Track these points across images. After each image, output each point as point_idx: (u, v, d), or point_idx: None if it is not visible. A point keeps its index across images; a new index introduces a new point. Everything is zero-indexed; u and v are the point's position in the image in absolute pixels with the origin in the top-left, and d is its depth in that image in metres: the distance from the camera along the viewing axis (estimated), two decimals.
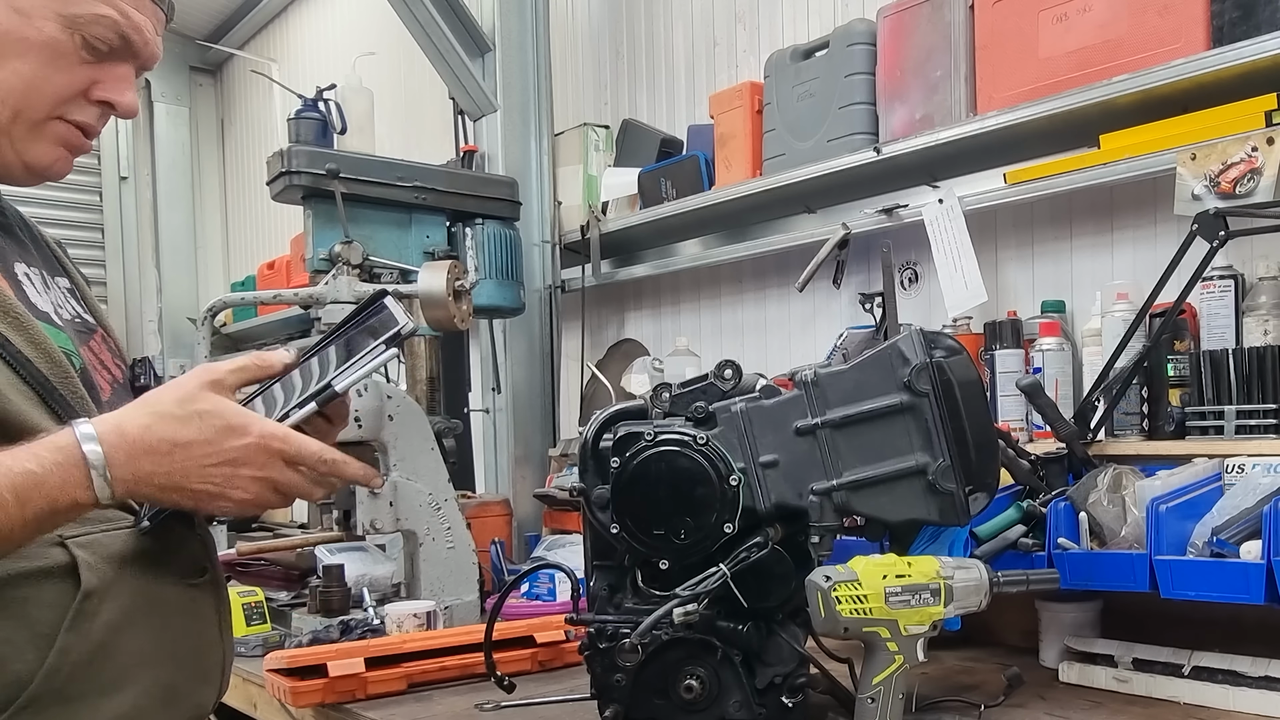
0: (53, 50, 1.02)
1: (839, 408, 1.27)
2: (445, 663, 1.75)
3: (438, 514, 2.08)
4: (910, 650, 1.23)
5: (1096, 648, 1.59)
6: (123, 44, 1.06)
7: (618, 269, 3.06)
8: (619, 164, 2.98)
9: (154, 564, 1.04)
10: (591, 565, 1.42)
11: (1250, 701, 1.41)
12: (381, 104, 3.04)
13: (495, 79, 3.05)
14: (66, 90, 1.05)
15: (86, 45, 1.04)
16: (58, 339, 1.05)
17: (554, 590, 2.14)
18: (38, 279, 1.11)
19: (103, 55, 1.06)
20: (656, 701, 1.34)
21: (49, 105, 1.04)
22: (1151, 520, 1.42)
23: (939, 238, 2.16)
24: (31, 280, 1.09)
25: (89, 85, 1.06)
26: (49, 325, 1.06)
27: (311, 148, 2.46)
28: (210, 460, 0.93)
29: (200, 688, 1.11)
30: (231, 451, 0.93)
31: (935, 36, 2.15)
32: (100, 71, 1.06)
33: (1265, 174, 1.66)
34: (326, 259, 2.21)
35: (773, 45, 2.62)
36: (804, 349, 2.63)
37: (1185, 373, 1.74)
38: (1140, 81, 1.81)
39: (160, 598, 1.04)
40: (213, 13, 5.27)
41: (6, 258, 1.08)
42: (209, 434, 0.93)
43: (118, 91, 1.08)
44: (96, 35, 1.04)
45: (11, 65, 1.01)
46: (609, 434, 1.34)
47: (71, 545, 0.96)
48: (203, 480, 0.93)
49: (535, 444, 3.08)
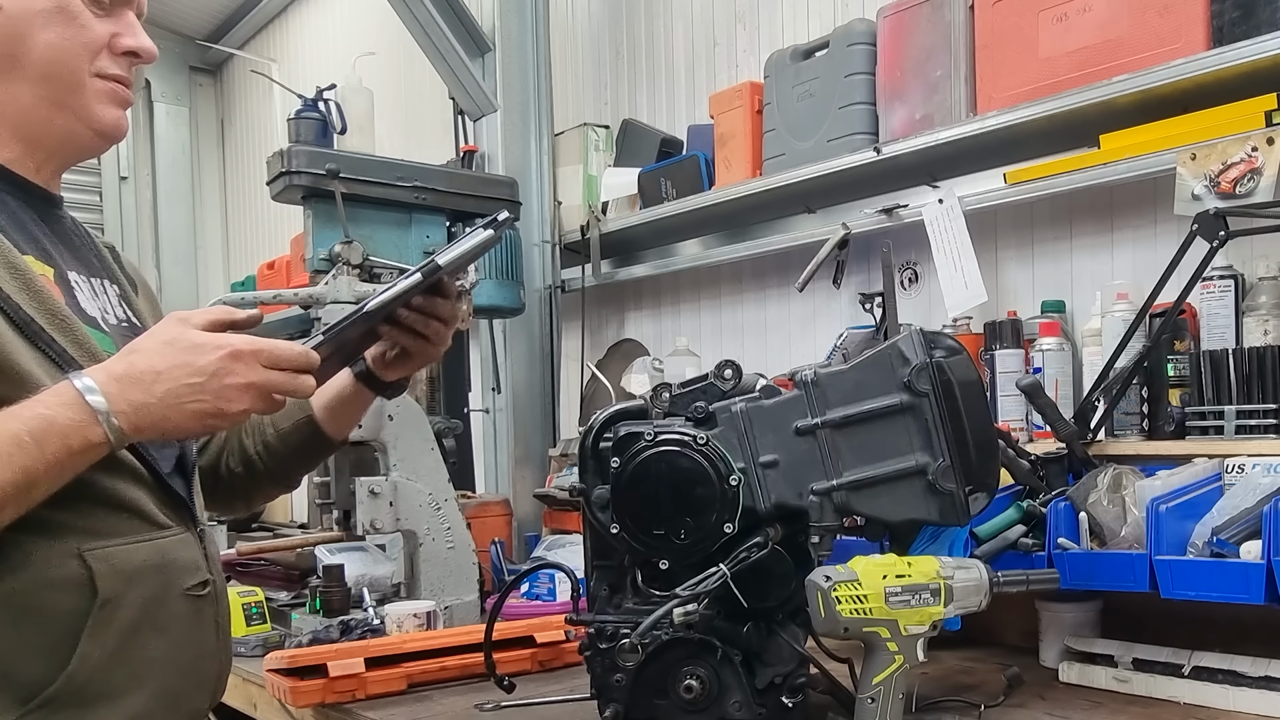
0: (65, 12, 1.09)
1: (839, 408, 1.27)
2: (445, 663, 1.75)
3: (438, 514, 2.07)
4: (910, 650, 1.23)
5: (1096, 648, 1.59)
6: None
7: (618, 269, 3.06)
8: (619, 164, 2.98)
9: (161, 576, 1.09)
10: (591, 565, 1.42)
11: (1250, 701, 1.41)
12: (381, 104, 3.04)
13: (495, 79, 3.06)
14: (94, 43, 1.11)
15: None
16: (103, 343, 1.11)
17: (554, 590, 2.14)
18: (87, 285, 1.17)
19: (107, 7, 1.13)
20: (656, 701, 1.34)
21: (84, 63, 1.11)
22: (1151, 520, 1.42)
23: (939, 238, 2.16)
24: (81, 287, 1.15)
25: (110, 37, 1.13)
26: (95, 330, 1.11)
27: (311, 148, 2.46)
28: (192, 378, 0.97)
29: (198, 694, 1.17)
30: (209, 366, 0.98)
31: (935, 36, 2.15)
32: (113, 23, 1.13)
33: (1265, 174, 1.66)
34: (326, 259, 2.21)
35: (773, 45, 2.62)
36: (804, 349, 2.63)
37: (1185, 373, 1.74)
38: (1140, 81, 1.81)
39: (166, 608, 1.09)
40: (213, 13, 5.27)
41: (60, 265, 1.13)
42: (182, 356, 0.98)
43: (135, 36, 1.15)
44: None
45: (41, 39, 1.07)
46: (609, 434, 1.34)
47: (88, 557, 1.01)
48: (193, 398, 0.98)
49: (535, 444, 3.08)
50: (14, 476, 0.90)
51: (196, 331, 1.02)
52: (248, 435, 1.39)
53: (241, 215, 5.74)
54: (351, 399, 1.35)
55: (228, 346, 1.00)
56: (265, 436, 1.38)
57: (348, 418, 1.38)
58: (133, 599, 1.05)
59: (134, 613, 1.05)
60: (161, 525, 1.11)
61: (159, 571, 1.08)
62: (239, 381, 0.99)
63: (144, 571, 1.06)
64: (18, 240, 1.08)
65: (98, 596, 1.01)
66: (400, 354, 1.32)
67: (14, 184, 1.13)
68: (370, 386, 1.35)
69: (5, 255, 1.04)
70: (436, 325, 1.27)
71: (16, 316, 1.01)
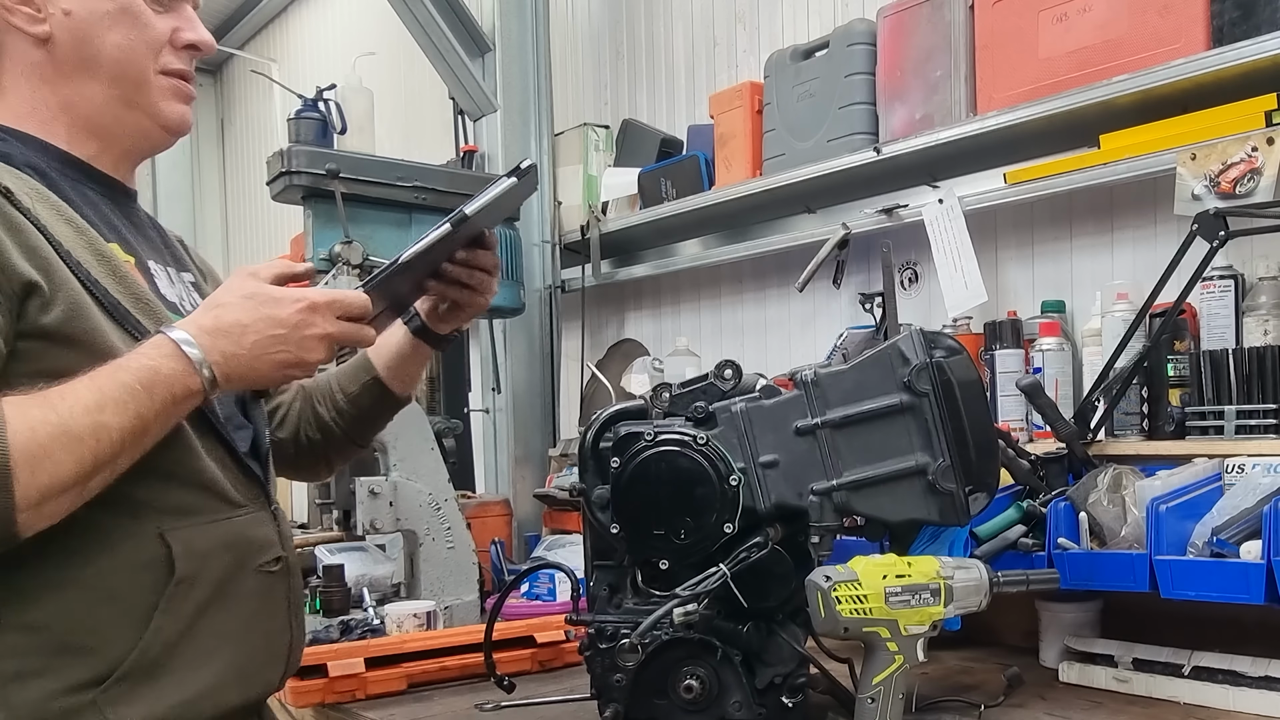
0: (129, 13, 1.13)
1: (839, 408, 1.27)
2: (445, 663, 1.75)
3: (438, 514, 2.07)
4: (910, 650, 1.23)
5: (1096, 648, 1.59)
6: None
7: (618, 269, 3.06)
8: (619, 164, 2.98)
9: (235, 554, 1.14)
10: (591, 565, 1.42)
11: (1250, 701, 1.41)
12: (381, 104, 3.04)
13: (495, 79, 3.06)
14: (157, 40, 1.16)
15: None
16: None
17: (554, 590, 2.14)
18: (165, 273, 1.23)
19: (166, 3, 1.17)
20: (656, 701, 1.34)
21: (150, 60, 1.16)
22: (1151, 520, 1.42)
23: (939, 238, 2.16)
24: (160, 275, 1.21)
25: (171, 33, 1.17)
26: (176, 314, 1.16)
27: (311, 148, 2.46)
28: (276, 329, 1.04)
29: (270, 666, 1.20)
30: (290, 318, 1.05)
31: (935, 36, 2.15)
32: (173, 18, 1.18)
33: (1265, 174, 1.66)
34: (326, 259, 2.21)
35: (773, 45, 2.62)
36: (804, 349, 2.63)
37: (1185, 373, 1.74)
38: (1140, 81, 1.81)
39: (239, 585, 1.14)
40: (213, 13, 5.26)
41: (140, 254, 1.19)
42: (264, 309, 1.04)
43: (194, 30, 1.20)
44: None
45: (110, 40, 1.12)
46: (609, 434, 1.34)
47: (168, 537, 1.06)
48: (278, 349, 1.04)
49: (535, 444, 3.08)
50: (130, 422, 0.96)
51: (272, 286, 1.08)
52: (320, 403, 1.45)
53: (241, 215, 5.74)
54: (410, 355, 1.41)
55: (305, 300, 1.06)
56: (336, 401, 1.44)
57: (409, 374, 1.44)
58: (207, 577, 1.10)
59: (208, 590, 1.10)
60: (238, 504, 1.16)
61: (233, 550, 1.13)
62: (318, 332, 1.06)
63: (219, 550, 1.11)
64: (102, 230, 1.12)
65: (174, 575, 1.06)
66: (451, 307, 1.37)
67: (94, 178, 1.17)
68: (426, 340, 1.40)
69: (92, 243, 1.08)
70: (480, 275, 1.32)
71: (105, 300, 1.05)
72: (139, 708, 1.04)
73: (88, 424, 0.94)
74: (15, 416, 0.92)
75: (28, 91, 1.12)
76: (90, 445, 0.94)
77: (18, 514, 0.91)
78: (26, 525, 0.93)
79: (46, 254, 1.01)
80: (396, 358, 1.42)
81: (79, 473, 0.94)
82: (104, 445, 0.95)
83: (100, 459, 0.95)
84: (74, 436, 0.93)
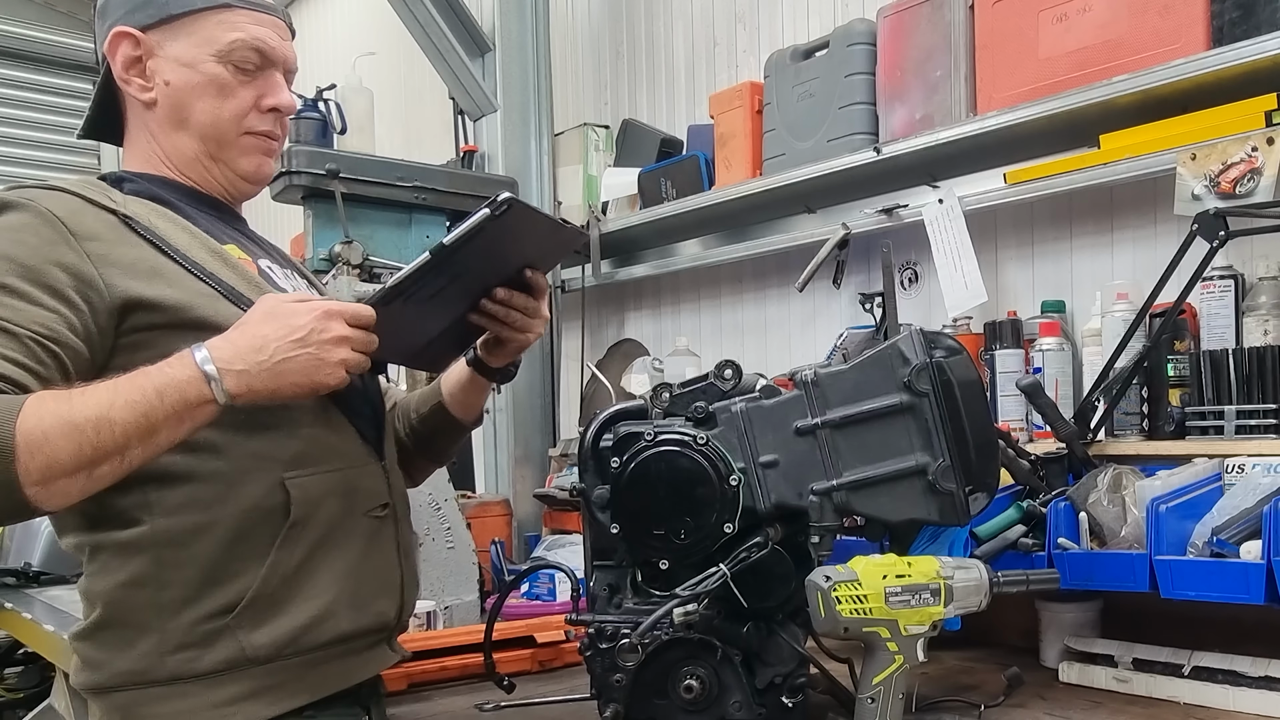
0: (219, 84, 1.29)
1: (839, 408, 1.27)
2: (445, 663, 1.75)
3: (438, 514, 2.07)
4: (910, 650, 1.23)
5: (1096, 648, 1.59)
6: (261, 57, 1.31)
7: (618, 269, 3.06)
8: (619, 164, 2.98)
9: (346, 501, 1.28)
10: (591, 565, 1.42)
11: (1250, 701, 1.41)
12: (381, 104, 3.04)
13: (495, 79, 3.06)
14: (241, 108, 1.31)
15: (238, 69, 1.30)
16: None
17: (554, 590, 2.14)
18: (278, 270, 1.37)
19: (252, 72, 1.31)
20: (656, 701, 1.34)
21: (235, 126, 1.32)
22: (1151, 520, 1.42)
23: (939, 238, 2.16)
24: (275, 273, 1.36)
25: (256, 99, 1.32)
26: None
27: (311, 148, 2.46)
28: (294, 335, 1.12)
29: (382, 599, 1.33)
30: (307, 324, 1.13)
31: (935, 36, 2.15)
32: (258, 85, 1.32)
33: (1265, 174, 1.66)
34: (326, 259, 2.22)
35: (773, 45, 2.62)
36: (804, 349, 2.63)
37: (1185, 373, 1.74)
38: (1140, 81, 1.81)
39: (348, 527, 1.28)
40: None
41: (254, 253, 1.34)
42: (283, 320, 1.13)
43: (276, 95, 1.34)
44: (241, 58, 1.29)
45: (199, 107, 1.29)
46: (609, 434, 1.35)
47: (289, 484, 1.21)
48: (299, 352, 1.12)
49: (535, 444, 3.08)
50: (137, 420, 1.06)
51: (287, 296, 1.20)
52: (400, 420, 1.56)
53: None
54: (468, 385, 1.51)
55: (319, 307, 1.15)
56: (411, 420, 1.56)
57: (470, 403, 1.54)
58: (319, 519, 1.24)
59: (320, 530, 1.24)
60: (352, 460, 1.30)
61: (344, 497, 1.27)
62: (334, 335, 1.14)
63: (331, 497, 1.25)
64: (217, 235, 1.29)
65: (290, 518, 1.21)
66: (496, 341, 1.45)
67: (206, 201, 1.34)
68: (481, 373, 1.49)
69: (206, 243, 1.25)
70: (516, 315, 1.39)
71: (220, 287, 1.21)
72: (264, 632, 1.20)
73: (92, 417, 1.04)
74: (32, 407, 1.03)
75: (144, 143, 1.32)
76: (90, 436, 1.04)
77: (25, 489, 1.02)
78: (39, 499, 1.04)
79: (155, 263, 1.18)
80: (458, 386, 1.52)
81: (77, 459, 1.04)
82: (105, 437, 1.05)
83: (101, 449, 1.05)
84: (75, 426, 1.03)
